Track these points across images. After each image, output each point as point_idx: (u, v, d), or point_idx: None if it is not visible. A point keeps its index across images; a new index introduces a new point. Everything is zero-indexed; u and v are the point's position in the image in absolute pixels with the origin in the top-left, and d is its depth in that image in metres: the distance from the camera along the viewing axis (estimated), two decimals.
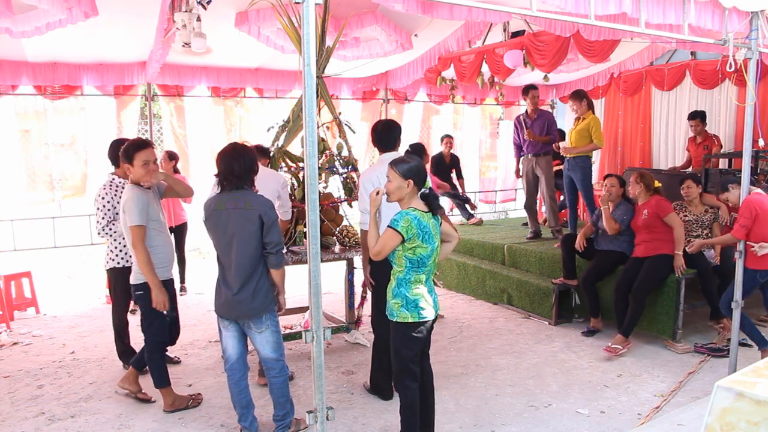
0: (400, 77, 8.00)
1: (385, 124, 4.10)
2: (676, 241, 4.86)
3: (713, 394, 1.87)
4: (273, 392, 3.39)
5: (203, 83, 7.35)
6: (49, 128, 7.09)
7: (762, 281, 4.26)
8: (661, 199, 4.99)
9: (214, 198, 3.33)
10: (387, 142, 3.95)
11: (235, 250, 3.20)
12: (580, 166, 6.25)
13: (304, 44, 2.38)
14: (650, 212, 4.94)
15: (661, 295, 4.95)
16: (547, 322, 5.63)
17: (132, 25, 5.44)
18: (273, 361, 3.34)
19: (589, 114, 6.19)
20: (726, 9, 3.53)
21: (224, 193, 3.27)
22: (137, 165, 3.61)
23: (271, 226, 3.20)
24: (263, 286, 3.28)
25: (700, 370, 4.47)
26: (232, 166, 3.23)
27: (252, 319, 3.27)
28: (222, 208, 3.24)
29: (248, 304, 3.23)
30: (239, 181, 3.25)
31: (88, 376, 4.45)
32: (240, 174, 3.23)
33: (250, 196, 3.24)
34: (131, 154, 3.62)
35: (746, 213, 4.06)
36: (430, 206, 3.01)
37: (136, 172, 3.62)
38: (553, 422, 3.67)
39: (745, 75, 3.84)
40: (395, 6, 3.82)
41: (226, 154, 3.28)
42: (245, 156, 3.28)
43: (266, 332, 3.30)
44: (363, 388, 4.16)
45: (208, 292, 6.34)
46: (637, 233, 5.10)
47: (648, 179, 5.11)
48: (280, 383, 3.36)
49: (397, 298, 3.01)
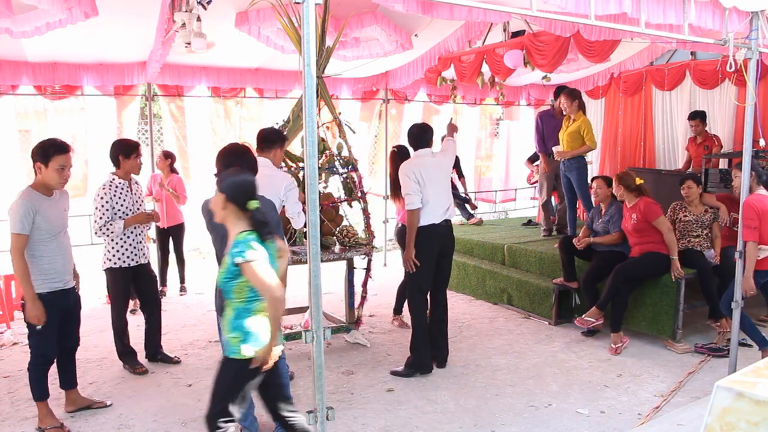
0: (400, 77, 8.00)
1: (420, 126, 4.65)
2: (668, 244, 4.83)
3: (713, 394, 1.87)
4: None
5: (203, 83, 7.34)
6: (49, 128, 7.07)
7: (762, 281, 4.26)
8: (650, 203, 4.93)
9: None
10: (421, 141, 4.52)
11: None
12: (575, 166, 6.25)
13: (304, 44, 2.38)
14: (639, 216, 4.91)
15: (661, 295, 4.95)
16: (547, 322, 5.63)
17: (132, 25, 5.43)
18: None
19: (579, 115, 6.18)
20: (726, 9, 3.53)
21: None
22: (52, 168, 3.46)
23: (274, 228, 3.18)
24: None
25: (700, 370, 4.47)
26: (236, 164, 3.18)
27: None
28: None
29: None
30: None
31: (88, 376, 4.45)
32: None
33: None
34: (49, 155, 3.46)
35: (751, 214, 4.03)
36: (256, 228, 2.67)
37: (49, 175, 3.46)
38: (553, 422, 3.67)
39: (745, 75, 3.84)
40: (395, 6, 3.82)
41: (227, 154, 3.26)
42: (246, 156, 3.27)
43: None
44: (391, 374, 4.42)
45: (208, 292, 6.34)
46: (628, 236, 5.09)
47: (628, 180, 5.06)
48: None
49: (235, 332, 2.68)
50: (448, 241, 4.55)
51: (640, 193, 5.02)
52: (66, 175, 3.54)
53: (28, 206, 3.40)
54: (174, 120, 7.61)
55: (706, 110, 7.14)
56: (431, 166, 4.43)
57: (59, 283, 3.58)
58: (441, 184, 4.46)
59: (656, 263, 4.87)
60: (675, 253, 4.83)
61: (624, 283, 4.88)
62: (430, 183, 4.35)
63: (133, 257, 4.38)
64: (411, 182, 4.30)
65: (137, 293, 4.73)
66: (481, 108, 9.88)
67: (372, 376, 4.40)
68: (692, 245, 5.11)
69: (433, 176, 4.39)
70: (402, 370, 4.40)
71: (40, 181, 3.51)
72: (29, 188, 3.50)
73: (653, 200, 5.00)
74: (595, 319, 4.94)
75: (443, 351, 4.58)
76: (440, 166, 4.53)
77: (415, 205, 4.30)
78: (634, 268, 4.92)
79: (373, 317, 5.84)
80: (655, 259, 4.86)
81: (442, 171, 4.54)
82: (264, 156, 3.92)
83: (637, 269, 4.93)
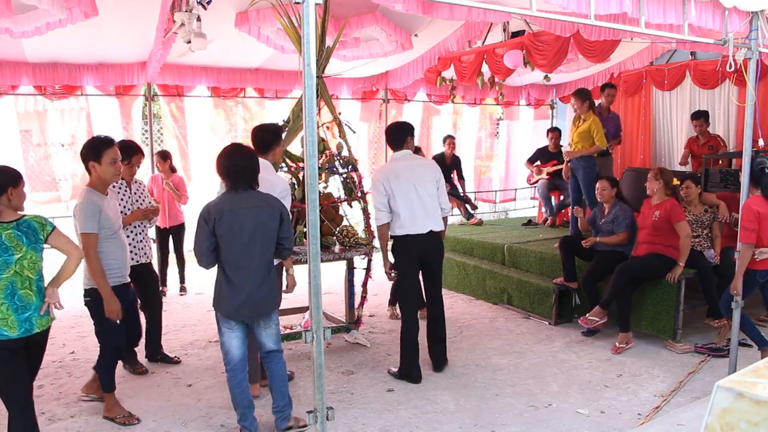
0: (400, 77, 8.01)
1: (395, 124, 4.43)
2: (682, 249, 4.79)
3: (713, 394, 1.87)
4: (275, 382, 3.43)
5: (203, 83, 7.36)
6: (49, 128, 7.09)
7: (762, 281, 4.26)
8: (677, 205, 4.87)
9: (224, 198, 3.25)
10: (398, 141, 4.29)
11: (259, 250, 3.23)
12: (583, 165, 6.23)
13: (304, 44, 2.38)
14: (662, 215, 4.84)
15: (661, 295, 4.95)
16: (547, 322, 5.62)
17: (132, 25, 5.44)
18: (276, 353, 3.44)
19: (590, 115, 6.17)
20: (726, 9, 3.53)
21: (236, 193, 3.24)
22: (105, 162, 3.50)
23: (288, 222, 3.32)
24: (275, 281, 3.41)
25: (700, 370, 4.47)
26: (244, 165, 3.24)
27: (265, 317, 3.35)
28: (240, 208, 3.20)
29: (268, 301, 3.32)
30: (251, 182, 3.28)
31: (88, 376, 4.43)
32: (252, 175, 3.27)
33: (265, 196, 3.30)
34: (100, 151, 3.49)
35: (750, 216, 4.03)
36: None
37: (104, 169, 3.51)
38: (553, 422, 3.67)
39: (745, 75, 3.84)
40: (395, 6, 3.83)
41: (234, 155, 3.25)
42: (252, 156, 3.33)
43: (272, 327, 3.40)
44: (388, 374, 4.39)
45: (207, 292, 6.32)
46: (641, 230, 5.04)
47: (668, 176, 4.97)
48: (283, 373, 3.45)
49: None
50: (432, 249, 4.28)
51: (671, 193, 4.96)
52: (118, 168, 3.61)
53: (93, 205, 3.47)
54: (174, 120, 7.62)
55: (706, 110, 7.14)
56: (405, 171, 4.15)
57: (121, 278, 3.69)
58: (417, 193, 4.15)
59: (661, 267, 4.85)
60: (684, 261, 4.79)
61: (627, 284, 4.88)
62: (401, 193, 4.12)
63: (134, 256, 4.38)
64: (378, 195, 4.14)
65: (138, 293, 4.72)
66: (481, 108, 9.89)
67: (372, 376, 4.40)
68: (692, 245, 5.10)
69: (405, 185, 4.13)
70: (395, 372, 4.36)
71: (96, 179, 3.55)
72: (88, 188, 3.55)
73: (680, 204, 4.96)
74: (598, 319, 4.92)
75: (440, 354, 4.45)
76: (417, 170, 4.19)
77: (381, 221, 4.17)
78: (638, 269, 4.91)
79: (373, 317, 5.84)
80: (661, 263, 4.85)
81: (420, 176, 4.19)
82: (263, 157, 3.79)
83: (642, 270, 4.91)
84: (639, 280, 4.94)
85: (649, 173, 5.12)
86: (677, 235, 4.81)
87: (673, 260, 4.81)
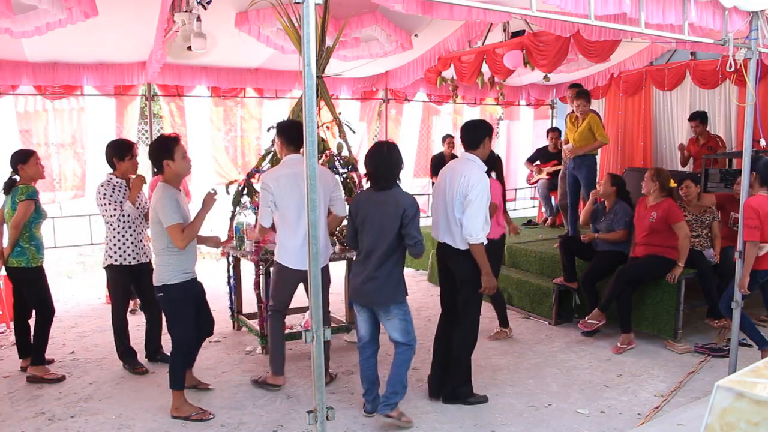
0: (400, 77, 8.00)
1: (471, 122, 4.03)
2: (681, 250, 4.79)
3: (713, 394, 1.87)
4: (392, 369, 3.62)
5: (203, 83, 7.35)
6: (49, 128, 7.08)
7: (762, 281, 4.26)
8: (674, 206, 4.86)
9: (366, 192, 3.62)
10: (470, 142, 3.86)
11: (381, 241, 3.45)
12: (586, 164, 6.23)
13: (304, 44, 2.38)
14: (659, 216, 4.84)
15: (661, 295, 4.95)
16: (547, 322, 5.62)
17: (132, 25, 5.44)
18: (400, 344, 3.60)
19: (588, 113, 6.19)
20: (726, 9, 3.53)
21: (374, 191, 3.54)
22: (178, 158, 3.62)
23: (411, 219, 3.41)
24: (396, 276, 3.52)
25: (700, 370, 4.47)
26: (384, 166, 3.47)
27: (381, 308, 3.54)
28: (372, 202, 3.51)
29: (376, 293, 3.50)
30: (390, 181, 3.50)
31: (88, 376, 4.44)
32: (392, 175, 3.49)
33: (397, 194, 3.48)
34: (171, 148, 3.62)
35: (751, 214, 4.02)
36: None
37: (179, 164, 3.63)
38: (553, 422, 3.67)
39: (745, 75, 3.84)
40: (395, 6, 3.82)
41: (378, 153, 3.52)
42: (396, 156, 3.54)
43: (394, 320, 3.55)
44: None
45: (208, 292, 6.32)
46: (638, 231, 5.04)
47: (664, 177, 4.96)
48: (401, 361, 3.59)
49: None
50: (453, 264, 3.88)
51: (667, 194, 4.95)
52: (189, 160, 3.74)
53: (172, 197, 3.55)
54: (174, 120, 7.62)
55: (706, 110, 7.14)
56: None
57: (191, 273, 3.75)
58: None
59: (661, 268, 4.85)
60: (683, 261, 4.79)
61: (627, 286, 4.88)
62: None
63: (134, 255, 4.38)
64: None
65: (138, 292, 4.73)
66: (481, 108, 9.88)
67: None
68: (692, 245, 5.10)
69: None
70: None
71: (170, 175, 3.64)
72: (164, 184, 3.62)
73: (677, 204, 4.95)
74: (597, 321, 4.92)
75: (439, 381, 4.01)
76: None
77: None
78: (638, 271, 4.91)
79: None
80: (660, 264, 4.85)
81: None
82: (294, 153, 3.97)
83: (641, 272, 4.91)
84: (639, 281, 4.94)
85: (645, 173, 5.14)
86: (676, 235, 4.81)
87: (672, 261, 4.81)
